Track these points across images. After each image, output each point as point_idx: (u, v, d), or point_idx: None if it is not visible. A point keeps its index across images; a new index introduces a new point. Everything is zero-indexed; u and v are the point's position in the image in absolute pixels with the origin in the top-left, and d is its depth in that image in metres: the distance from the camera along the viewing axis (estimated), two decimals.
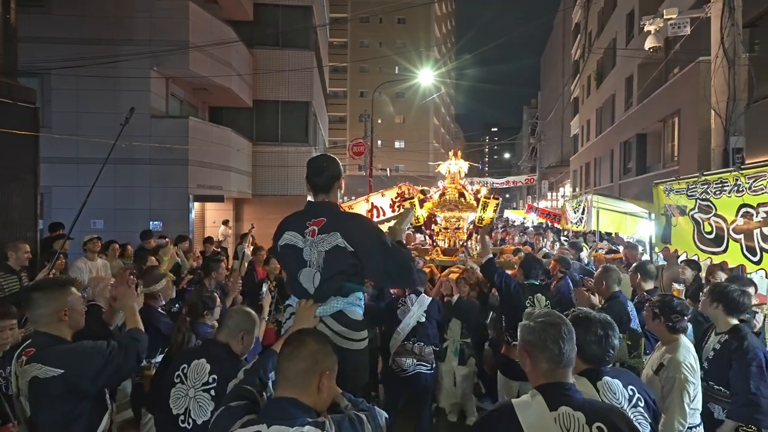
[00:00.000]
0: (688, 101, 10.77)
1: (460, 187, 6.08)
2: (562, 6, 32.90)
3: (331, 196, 2.11)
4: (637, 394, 1.75)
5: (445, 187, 6.20)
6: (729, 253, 2.89)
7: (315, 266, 1.95)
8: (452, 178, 6.18)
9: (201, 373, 1.98)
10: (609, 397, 1.71)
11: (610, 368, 1.82)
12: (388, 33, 42.21)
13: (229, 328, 2.17)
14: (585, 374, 1.77)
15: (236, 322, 2.17)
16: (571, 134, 30.25)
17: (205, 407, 1.93)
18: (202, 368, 1.99)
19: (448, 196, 5.96)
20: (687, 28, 5.92)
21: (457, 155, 6.30)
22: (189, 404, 1.94)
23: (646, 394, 1.78)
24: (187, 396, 1.96)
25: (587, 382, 1.74)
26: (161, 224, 9.79)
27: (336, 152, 28.11)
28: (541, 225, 16.85)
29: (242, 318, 2.20)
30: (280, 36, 13.67)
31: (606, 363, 1.80)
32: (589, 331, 1.78)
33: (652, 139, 15.08)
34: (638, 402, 1.73)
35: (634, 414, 1.68)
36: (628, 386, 1.75)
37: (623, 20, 17.52)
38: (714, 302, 2.71)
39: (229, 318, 2.22)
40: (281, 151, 13.74)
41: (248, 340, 2.19)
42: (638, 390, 1.76)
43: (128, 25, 9.80)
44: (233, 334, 2.14)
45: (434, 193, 6.33)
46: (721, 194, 2.99)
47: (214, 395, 1.93)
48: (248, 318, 2.22)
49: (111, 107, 9.74)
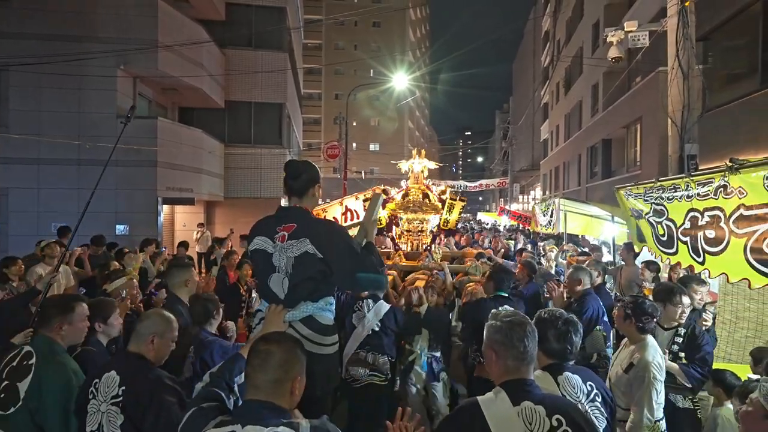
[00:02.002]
0: (649, 109, 11.29)
1: (424, 188, 5.73)
2: (532, 14, 33.87)
3: (305, 201, 2.12)
4: (595, 389, 1.84)
5: (408, 187, 5.78)
6: (679, 254, 3.09)
7: (284, 272, 1.96)
8: (416, 178, 5.78)
9: (111, 386, 1.88)
10: (569, 390, 1.79)
11: (571, 365, 1.91)
12: (363, 36, 42.34)
13: (138, 333, 2.02)
14: (547, 369, 1.87)
15: (146, 326, 2.03)
16: (541, 139, 31.12)
17: (115, 421, 1.84)
18: (112, 381, 1.89)
19: (411, 197, 5.60)
20: (646, 40, 6.23)
21: (420, 154, 5.89)
22: (102, 419, 1.85)
23: (603, 390, 1.88)
24: (99, 411, 1.87)
25: (549, 377, 1.83)
26: (128, 227, 9.51)
27: (310, 154, 27.97)
28: (513, 227, 17.28)
29: (152, 321, 2.06)
30: (253, 37, 13.52)
31: (567, 359, 1.90)
32: (552, 328, 1.89)
33: (616, 144, 15.69)
34: (596, 397, 1.82)
35: (591, 408, 1.77)
36: (586, 382, 1.84)
37: (589, 30, 18.20)
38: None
39: (139, 322, 2.08)
40: (254, 153, 13.57)
41: (161, 344, 2.03)
42: (596, 386, 1.85)
43: (94, 21, 9.49)
44: (143, 339, 2.00)
45: (397, 193, 5.88)
46: (673, 199, 3.18)
47: (122, 408, 1.84)
48: (160, 321, 2.07)
49: (75, 106, 9.42)
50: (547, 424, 1.46)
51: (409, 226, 5.72)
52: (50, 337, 2.15)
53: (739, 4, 7.06)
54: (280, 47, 14.09)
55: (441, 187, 6.03)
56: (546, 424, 1.46)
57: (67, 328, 2.18)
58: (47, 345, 2.12)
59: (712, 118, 7.45)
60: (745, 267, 2.50)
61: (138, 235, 8.71)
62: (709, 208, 2.75)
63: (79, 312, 2.24)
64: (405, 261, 5.41)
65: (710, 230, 2.74)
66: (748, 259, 2.47)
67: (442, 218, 5.53)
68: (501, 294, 3.66)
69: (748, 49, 7.25)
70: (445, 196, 5.61)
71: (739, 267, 2.54)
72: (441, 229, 5.63)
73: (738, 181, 2.55)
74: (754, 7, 6.88)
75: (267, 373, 1.39)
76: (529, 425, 1.46)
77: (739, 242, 2.52)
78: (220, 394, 1.55)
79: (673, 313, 2.98)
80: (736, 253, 2.55)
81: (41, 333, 2.18)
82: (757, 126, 6.57)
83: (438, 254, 5.51)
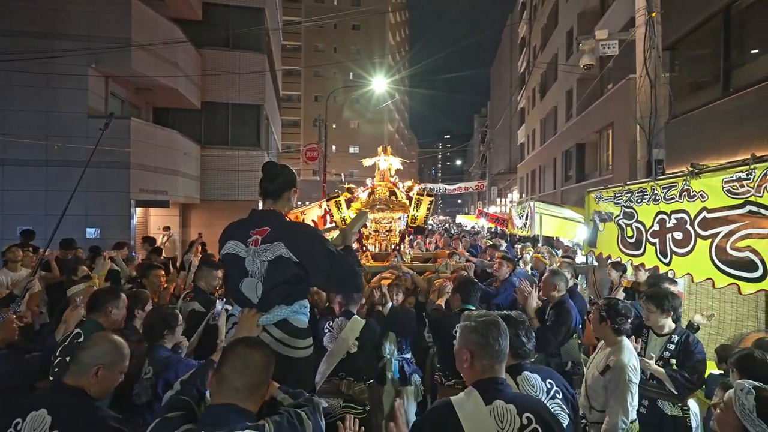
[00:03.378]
0: (620, 115, 11.67)
1: (391, 185, 5.45)
2: (509, 21, 34.55)
3: (279, 204, 2.10)
4: (555, 387, 1.87)
5: (374, 184, 5.50)
6: (646, 255, 3.20)
7: (257, 276, 1.94)
8: (382, 176, 5.51)
9: (40, 428, 1.52)
10: (528, 389, 1.83)
11: (529, 363, 1.96)
12: (342, 38, 42.34)
13: (80, 363, 1.68)
14: (507, 370, 1.88)
15: (91, 355, 1.70)
16: (518, 143, 31.73)
17: None
18: (41, 422, 1.52)
19: (377, 195, 5.32)
20: (615, 49, 6.45)
21: (386, 151, 5.63)
22: None
23: (564, 387, 1.91)
24: None
25: (509, 378, 1.84)
26: (99, 230, 9.23)
27: (289, 156, 27.72)
28: (493, 230, 17.52)
29: (101, 349, 1.73)
30: (230, 37, 13.35)
31: (522, 358, 1.94)
32: (518, 329, 1.94)
33: (589, 149, 16.15)
34: (556, 394, 1.85)
35: (551, 405, 1.81)
36: (546, 380, 1.88)
37: (564, 37, 18.70)
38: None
39: (82, 350, 1.75)
40: (231, 155, 13.37)
41: (107, 377, 1.70)
42: (556, 384, 1.89)
43: (64, 18, 9.19)
44: (85, 370, 1.66)
45: (362, 191, 5.58)
46: (641, 202, 3.30)
47: None
48: (110, 349, 1.74)
49: (43, 105, 9.09)
50: (517, 422, 1.50)
51: (376, 226, 5.41)
52: (98, 321, 2.53)
53: (702, 16, 7.40)
54: (258, 48, 13.95)
55: (408, 183, 5.68)
56: (517, 422, 1.50)
57: (115, 312, 2.57)
58: (95, 326, 2.47)
59: (677, 125, 7.77)
60: (710, 267, 2.59)
61: (110, 238, 8.45)
62: (676, 210, 2.86)
63: (123, 299, 2.66)
64: (372, 262, 5.09)
65: (678, 232, 2.85)
66: (713, 259, 2.56)
67: (409, 215, 5.26)
68: (468, 308, 3.22)
69: (710, 59, 7.59)
70: (412, 192, 5.35)
71: (705, 267, 2.63)
72: (409, 227, 5.33)
73: (699, 185, 2.67)
74: (715, 20, 7.22)
75: (246, 378, 1.40)
76: (501, 423, 1.49)
77: (705, 243, 2.62)
78: (188, 402, 1.52)
79: (664, 321, 2.99)
80: (702, 254, 2.64)
81: (90, 317, 2.57)
82: (718, 132, 6.88)
83: (408, 255, 5.26)
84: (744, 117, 6.36)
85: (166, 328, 2.50)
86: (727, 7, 6.90)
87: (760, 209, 2.27)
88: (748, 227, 2.33)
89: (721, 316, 3.88)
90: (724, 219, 2.49)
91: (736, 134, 6.46)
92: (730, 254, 2.44)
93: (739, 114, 6.48)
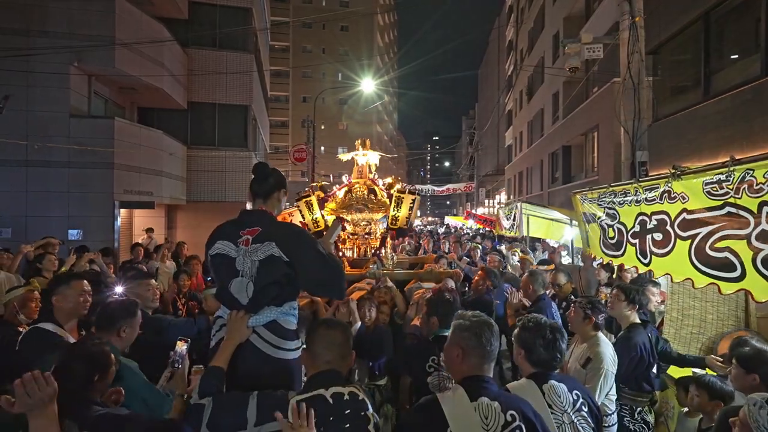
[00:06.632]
0: (605, 117, 11.85)
1: (370, 183, 4.94)
2: (496, 24, 34.86)
3: (268, 204, 2.12)
4: (581, 399, 1.81)
5: (351, 182, 5.01)
6: (626, 256, 3.26)
7: (248, 276, 1.93)
8: (360, 172, 5.03)
9: None
10: (554, 399, 1.76)
11: (556, 373, 1.88)
12: (331, 39, 42.25)
13: None
14: (532, 377, 1.85)
15: None
16: (505, 144, 32.01)
17: None
18: None
19: (355, 194, 4.83)
20: (600, 53, 6.55)
21: (365, 145, 5.15)
22: None
23: (589, 399, 1.85)
24: None
25: (534, 385, 1.80)
26: (81, 232, 9.04)
27: (278, 157, 27.53)
28: (479, 231, 17.63)
29: None
30: (217, 37, 13.23)
31: (553, 367, 1.86)
32: (538, 336, 1.86)
33: (575, 151, 16.37)
34: (582, 407, 1.79)
35: (577, 418, 1.75)
36: (572, 391, 1.82)
37: (550, 40, 18.93)
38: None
39: None
40: (218, 155, 13.22)
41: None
42: (582, 395, 1.83)
43: (44, 15, 8.99)
44: None
45: (338, 190, 5.08)
46: (624, 204, 3.36)
47: None
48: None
49: (23, 104, 8.87)
50: (501, 419, 1.52)
51: (354, 229, 4.87)
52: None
53: (683, 21, 7.55)
54: (246, 48, 13.84)
55: (389, 179, 5.15)
56: (501, 419, 1.52)
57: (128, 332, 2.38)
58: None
59: (660, 127, 7.92)
60: (689, 268, 2.64)
61: (93, 240, 8.29)
62: (656, 212, 2.92)
63: (138, 317, 2.57)
64: (349, 269, 4.59)
65: (657, 233, 2.90)
66: (692, 260, 2.61)
67: (390, 215, 4.75)
68: (445, 334, 2.72)
69: (692, 63, 7.75)
70: (393, 190, 4.85)
71: (684, 268, 2.68)
72: (391, 228, 4.82)
73: (680, 186, 2.72)
74: (695, 26, 7.38)
75: (334, 351, 1.73)
76: (485, 419, 1.51)
77: (684, 244, 2.67)
78: None
79: (627, 313, 3.07)
80: (682, 254, 2.69)
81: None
82: (700, 135, 7.03)
83: (390, 260, 4.68)
84: (724, 120, 6.51)
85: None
86: (707, 13, 7.05)
87: (738, 210, 2.31)
88: (726, 228, 2.38)
89: (703, 315, 3.95)
90: (704, 220, 2.54)
91: (716, 137, 6.61)
92: (709, 255, 2.49)
93: (719, 117, 6.63)
